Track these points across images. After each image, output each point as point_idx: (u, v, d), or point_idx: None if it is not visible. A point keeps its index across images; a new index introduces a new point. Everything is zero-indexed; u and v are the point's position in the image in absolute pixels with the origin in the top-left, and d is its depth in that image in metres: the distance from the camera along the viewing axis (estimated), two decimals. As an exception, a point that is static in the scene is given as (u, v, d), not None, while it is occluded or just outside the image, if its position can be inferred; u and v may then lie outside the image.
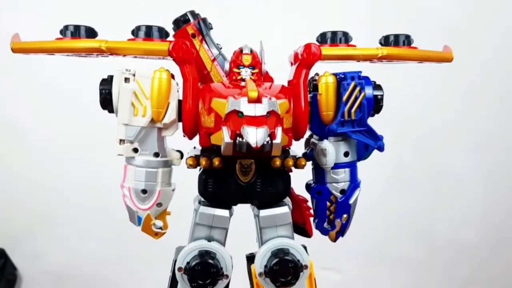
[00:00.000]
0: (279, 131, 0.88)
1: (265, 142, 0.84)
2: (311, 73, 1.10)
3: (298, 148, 1.14)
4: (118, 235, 2.60)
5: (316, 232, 1.19)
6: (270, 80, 1.17)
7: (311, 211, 1.18)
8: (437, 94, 2.56)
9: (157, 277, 1.70)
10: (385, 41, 1.15)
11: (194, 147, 1.12)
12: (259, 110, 0.85)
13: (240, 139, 0.84)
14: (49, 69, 2.40)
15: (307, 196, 1.19)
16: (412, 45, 1.14)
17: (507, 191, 2.70)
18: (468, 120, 2.62)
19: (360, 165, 1.17)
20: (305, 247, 1.10)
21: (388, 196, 2.65)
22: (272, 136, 0.86)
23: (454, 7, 2.51)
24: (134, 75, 1.01)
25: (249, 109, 0.85)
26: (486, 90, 2.59)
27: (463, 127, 2.63)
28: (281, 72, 1.18)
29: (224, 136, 0.87)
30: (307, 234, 1.20)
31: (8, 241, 2.71)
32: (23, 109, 2.60)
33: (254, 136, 0.82)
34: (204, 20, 1.21)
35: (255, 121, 0.84)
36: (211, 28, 1.23)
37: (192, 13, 1.20)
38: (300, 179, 1.18)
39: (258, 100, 0.86)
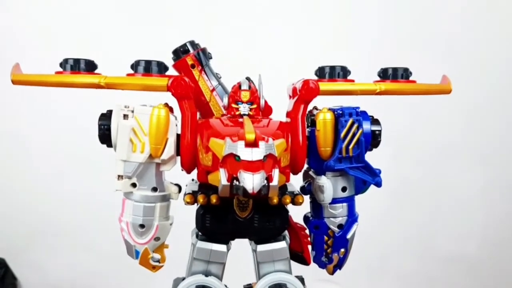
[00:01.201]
0: (276, 174, 0.88)
1: (261, 187, 0.84)
2: (310, 106, 1.10)
3: (296, 180, 1.14)
4: (118, 247, 2.59)
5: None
6: (269, 110, 1.17)
7: (309, 239, 1.19)
8: (437, 109, 2.56)
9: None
10: (384, 74, 1.15)
11: (192, 179, 1.13)
12: (256, 155, 0.85)
13: (237, 183, 0.85)
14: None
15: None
16: (410, 79, 1.14)
17: (507, 205, 2.71)
18: (468, 134, 2.64)
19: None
20: (302, 280, 1.10)
21: (389, 210, 2.65)
22: (269, 179, 0.86)
23: (455, 26, 2.53)
24: (132, 111, 1.02)
25: (246, 154, 0.85)
26: (486, 105, 2.61)
27: (463, 141, 2.64)
28: (280, 100, 1.18)
29: (221, 178, 0.87)
30: (305, 262, 1.20)
31: (8, 251, 2.73)
32: (24, 121, 2.61)
33: (251, 182, 0.83)
34: (204, 50, 1.21)
35: (252, 166, 0.84)
36: (211, 58, 1.23)
37: (192, 43, 1.21)
38: (298, 206, 1.19)
39: (255, 144, 0.86)
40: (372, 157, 1.10)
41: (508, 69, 2.59)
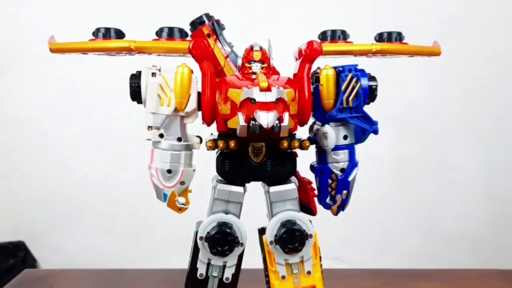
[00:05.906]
0: (286, 115, 1.03)
1: (274, 124, 0.99)
2: (314, 67, 1.25)
3: (303, 134, 1.29)
4: (135, 229, 2.70)
5: (321, 223, 1.32)
6: (277, 74, 1.32)
7: (315, 191, 1.33)
8: (438, 88, 2.64)
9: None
10: (379, 37, 1.29)
11: (211, 134, 1.27)
12: (269, 97, 1.01)
13: (254, 122, 1.00)
14: (64, 69, 2.51)
15: (312, 178, 1.34)
16: (403, 41, 1.29)
17: (508, 182, 2.75)
18: (469, 112, 2.68)
19: (364, 158, 1.30)
20: (310, 221, 1.24)
21: (391, 189, 2.72)
22: (280, 119, 1.02)
23: (453, 4, 2.60)
24: (159, 70, 1.16)
25: (260, 96, 1.01)
26: (487, 83, 2.66)
27: (465, 119, 2.69)
28: (287, 67, 1.33)
29: (239, 120, 1.03)
30: (311, 212, 1.34)
31: (28, 234, 2.83)
32: (40, 107, 2.70)
33: (265, 118, 0.98)
34: (218, 21, 1.35)
35: (266, 106, 1.00)
36: (224, 28, 1.38)
37: (207, 15, 1.34)
38: (304, 163, 1.33)
39: (268, 89, 1.02)
40: (374, 138, 1.24)
41: (508, 49, 2.65)
